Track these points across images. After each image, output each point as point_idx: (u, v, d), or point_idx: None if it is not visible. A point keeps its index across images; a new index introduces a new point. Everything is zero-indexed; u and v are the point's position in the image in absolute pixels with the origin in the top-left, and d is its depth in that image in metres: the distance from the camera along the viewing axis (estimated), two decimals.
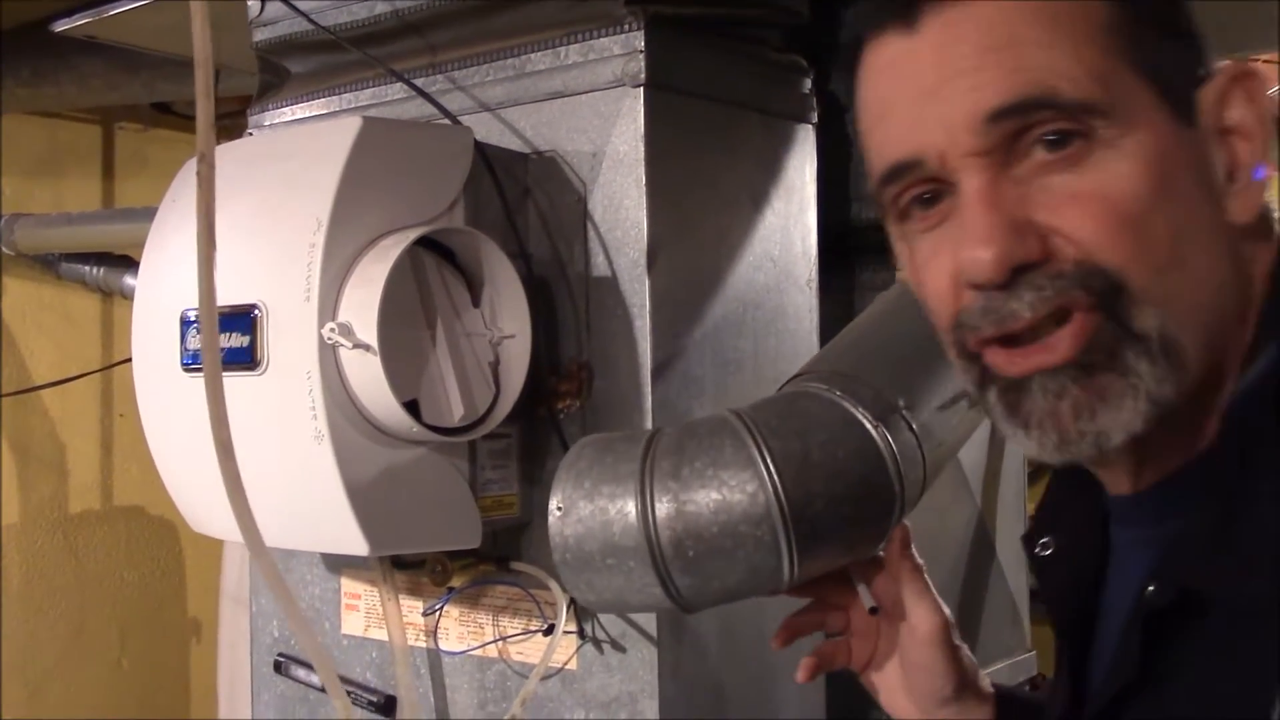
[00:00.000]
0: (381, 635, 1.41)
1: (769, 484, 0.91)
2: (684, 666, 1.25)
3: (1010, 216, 0.62)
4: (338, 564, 1.47)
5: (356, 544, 1.14)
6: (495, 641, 1.33)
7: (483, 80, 1.34)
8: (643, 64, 1.22)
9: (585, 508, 0.95)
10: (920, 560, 0.95)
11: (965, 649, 0.96)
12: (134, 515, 2.87)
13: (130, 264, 2.59)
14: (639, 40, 1.22)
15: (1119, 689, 0.63)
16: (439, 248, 1.19)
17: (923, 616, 0.93)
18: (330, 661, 1.25)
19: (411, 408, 1.12)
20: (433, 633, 1.38)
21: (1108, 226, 0.61)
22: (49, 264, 2.65)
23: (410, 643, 1.39)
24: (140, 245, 1.35)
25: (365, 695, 1.42)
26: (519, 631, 1.31)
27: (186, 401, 1.23)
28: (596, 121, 1.25)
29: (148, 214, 1.36)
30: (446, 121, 1.31)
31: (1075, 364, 0.62)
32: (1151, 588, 0.61)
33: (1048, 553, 0.77)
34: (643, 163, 1.22)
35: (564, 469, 0.98)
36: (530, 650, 1.31)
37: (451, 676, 1.38)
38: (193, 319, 1.22)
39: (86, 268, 2.62)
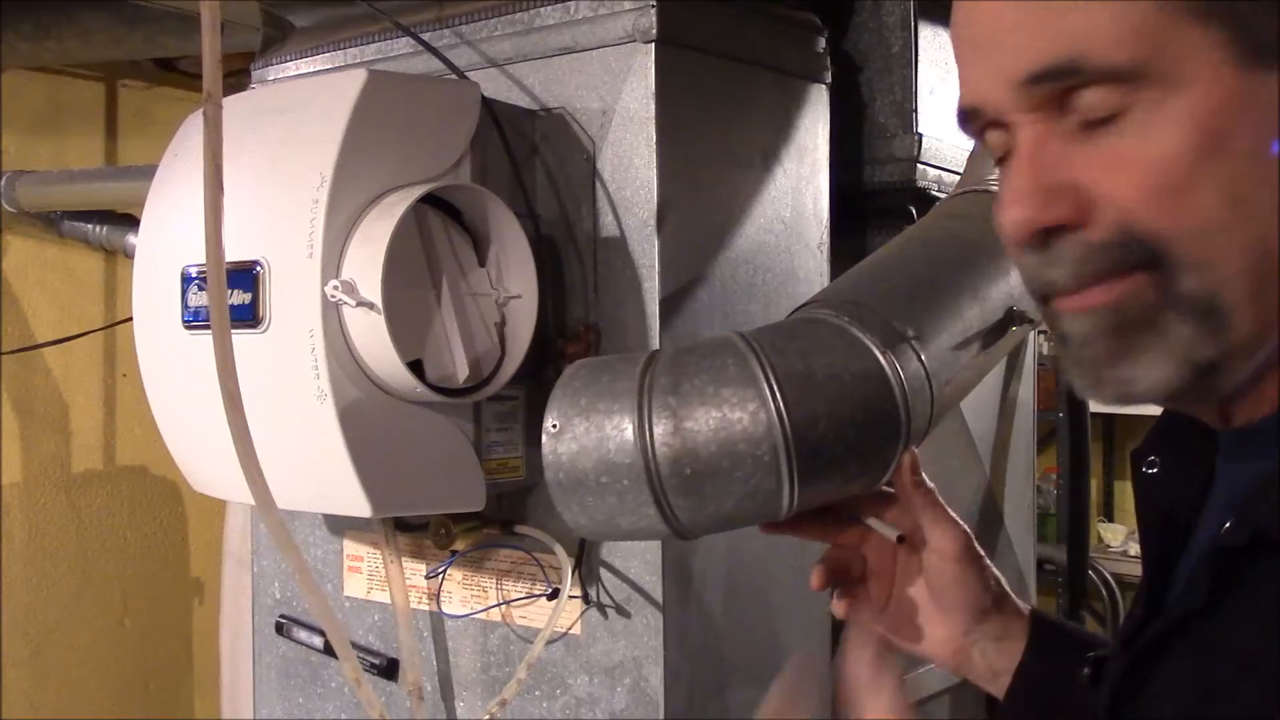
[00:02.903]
0: (384, 598, 1.41)
1: (771, 403, 0.88)
2: (688, 632, 1.24)
3: (1048, 178, 0.62)
4: (340, 526, 1.46)
5: (359, 505, 1.13)
6: (499, 605, 1.32)
7: (491, 35, 1.32)
8: (654, 19, 1.19)
9: (580, 425, 0.92)
10: (931, 484, 0.93)
11: (990, 564, 0.95)
12: (137, 475, 2.86)
13: (133, 222, 2.57)
14: None
15: (1182, 614, 0.64)
16: (445, 205, 1.17)
17: (947, 536, 0.92)
18: (338, 622, 1.24)
19: (415, 368, 1.11)
20: (436, 596, 1.37)
21: (1148, 191, 0.60)
22: (51, 222, 2.63)
23: (413, 606, 1.38)
24: (143, 203, 1.33)
25: (368, 658, 1.42)
26: (523, 595, 1.30)
27: (188, 360, 1.22)
28: (606, 78, 1.23)
29: (150, 172, 1.34)
30: (453, 76, 1.29)
31: (1111, 315, 0.63)
32: (1228, 524, 0.62)
33: (1153, 471, 0.75)
34: (653, 121, 1.20)
35: (560, 387, 0.95)
36: (534, 614, 1.30)
37: (454, 640, 1.38)
38: (194, 275, 1.20)
39: (89, 226, 2.60)
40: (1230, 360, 0.62)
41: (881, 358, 0.93)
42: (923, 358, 0.97)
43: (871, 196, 1.50)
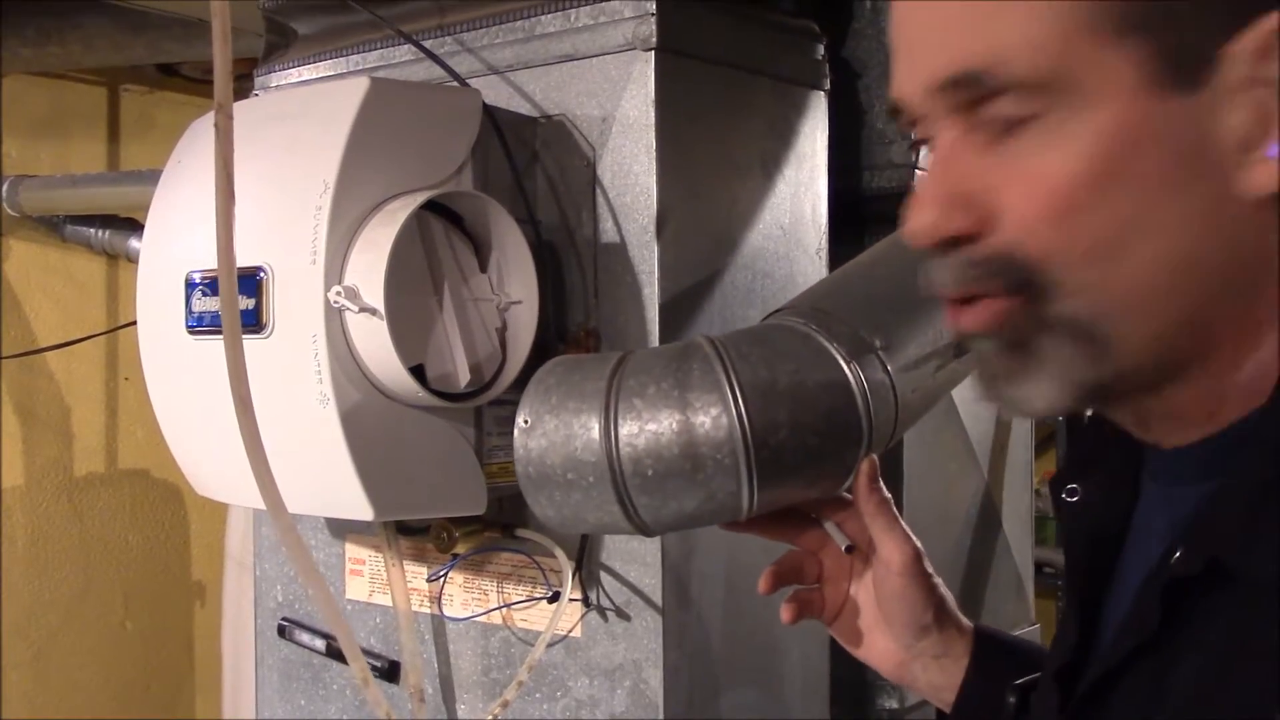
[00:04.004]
0: (386, 601, 1.41)
1: (733, 409, 0.89)
2: (688, 635, 1.25)
3: (956, 185, 0.61)
4: (342, 529, 1.46)
5: (361, 509, 1.14)
6: (500, 608, 1.33)
7: (492, 42, 1.33)
8: (654, 27, 1.20)
9: (550, 422, 0.94)
10: (887, 494, 0.94)
11: (939, 581, 0.95)
12: (139, 478, 2.87)
13: (135, 227, 2.58)
14: (650, 3, 1.21)
15: (1132, 648, 0.62)
16: (446, 212, 1.17)
17: (894, 548, 0.92)
18: (346, 625, 1.24)
19: (417, 373, 1.12)
20: (437, 599, 1.38)
21: (1038, 212, 0.59)
22: (54, 226, 2.65)
23: (414, 609, 1.39)
24: (145, 208, 1.34)
25: (369, 660, 1.43)
26: (523, 598, 1.31)
27: (192, 364, 1.22)
28: (606, 85, 1.24)
29: (153, 176, 1.35)
30: (455, 84, 1.29)
31: (996, 336, 0.63)
32: (1179, 553, 0.60)
33: (1074, 499, 0.75)
34: (653, 128, 1.21)
35: (533, 384, 0.97)
36: (534, 617, 1.31)
37: (455, 643, 1.38)
38: (198, 280, 1.21)
39: (91, 230, 2.61)
40: (1122, 382, 0.61)
41: (846, 367, 0.94)
42: (889, 368, 0.98)
43: (870, 202, 1.51)
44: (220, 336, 1.09)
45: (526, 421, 0.95)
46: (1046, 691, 0.72)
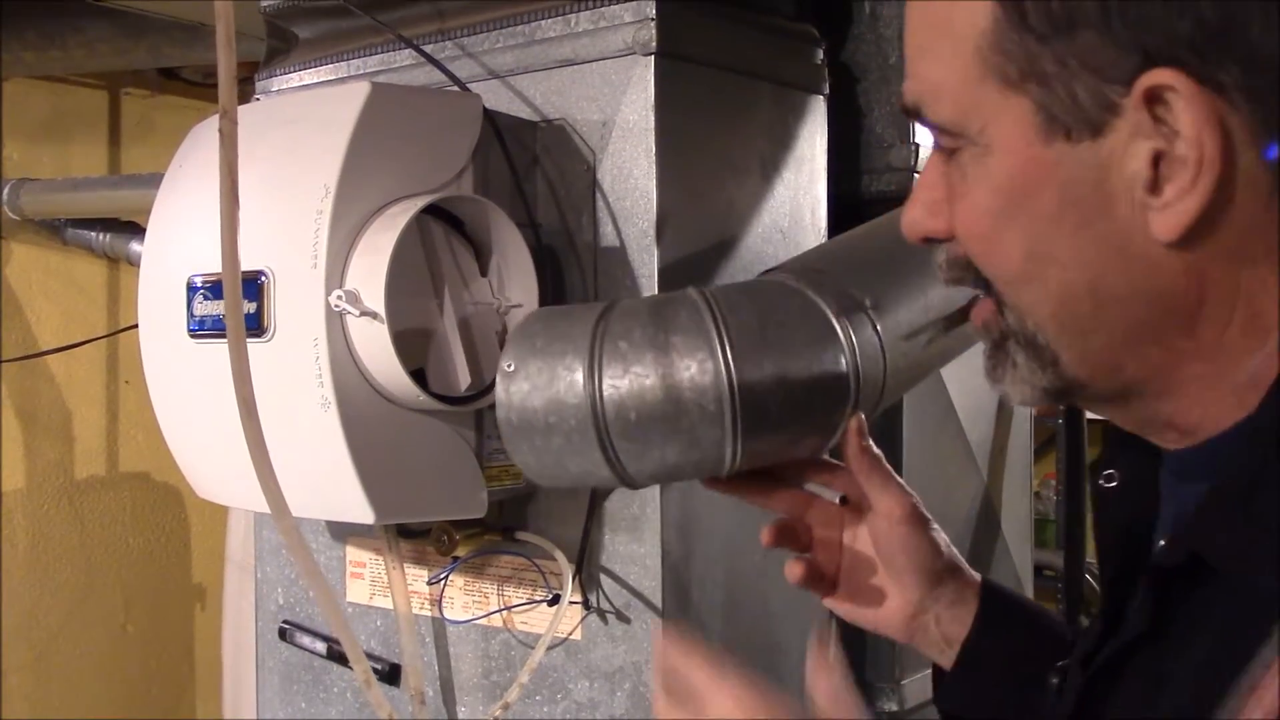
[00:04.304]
0: (386, 604, 1.42)
1: (720, 355, 0.88)
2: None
3: (931, 193, 0.67)
4: (343, 532, 1.47)
5: (362, 512, 1.14)
6: (500, 611, 1.33)
7: (492, 47, 1.33)
8: (653, 32, 1.21)
9: (534, 364, 0.93)
10: (878, 450, 0.93)
11: (940, 531, 0.94)
12: (139, 482, 2.87)
13: (136, 230, 2.58)
14: (650, 8, 1.21)
15: (1132, 636, 0.65)
16: (447, 216, 1.18)
17: (893, 501, 0.91)
18: (348, 626, 1.25)
19: (418, 376, 1.12)
20: (437, 602, 1.38)
21: (966, 233, 0.66)
22: (55, 229, 2.64)
23: (415, 611, 1.39)
24: (146, 211, 1.34)
25: (370, 663, 1.43)
26: (524, 601, 1.31)
27: (193, 368, 1.23)
28: (606, 90, 1.24)
29: (154, 180, 1.35)
30: (455, 88, 1.30)
31: (983, 336, 0.69)
32: (1161, 544, 0.65)
33: (1112, 485, 0.75)
34: (652, 132, 1.21)
35: (517, 331, 0.97)
36: (535, 620, 1.31)
37: (456, 645, 1.39)
38: (199, 284, 1.21)
39: (92, 234, 2.61)
40: (1079, 389, 0.66)
41: (835, 320, 0.94)
42: (878, 327, 0.98)
43: (869, 206, 1.51)
44: (222, 340, 1.10)
45: (510, 366, 0.94)
46: (1074, 674, 0.73)
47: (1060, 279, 0.62)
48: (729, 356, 0.89)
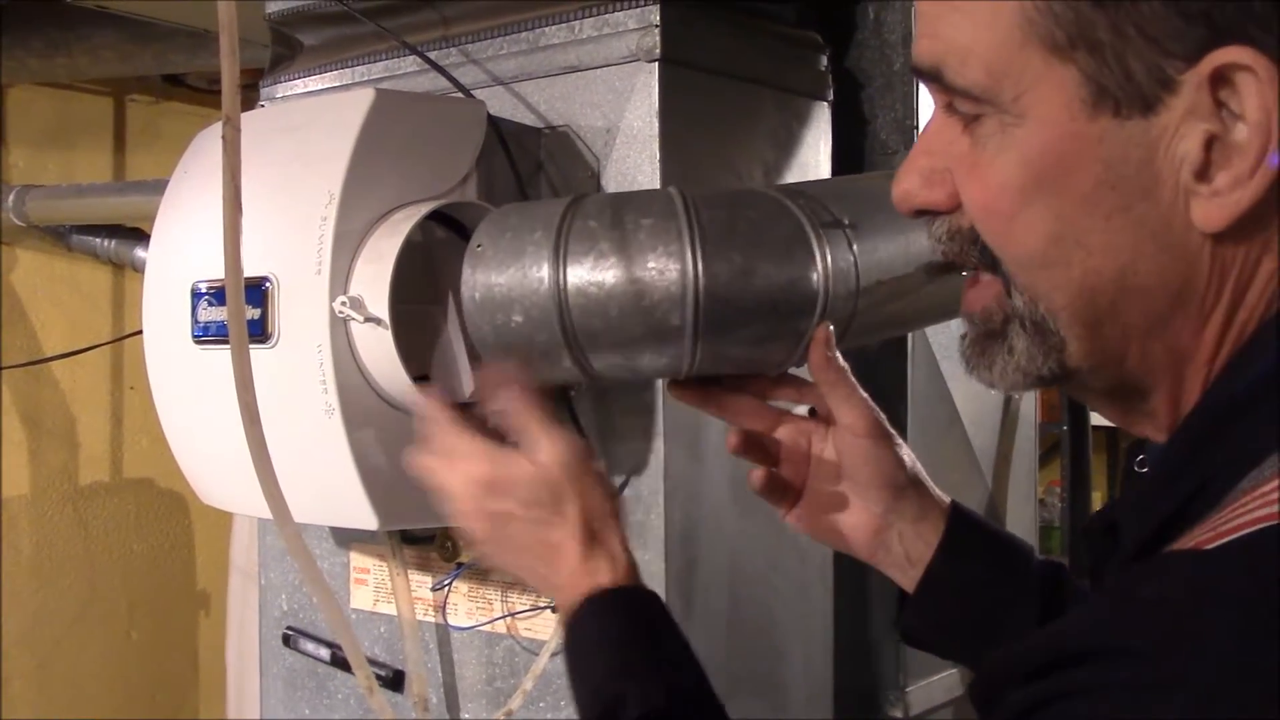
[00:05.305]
0: (390, 610, 1.42)
1: (687, 238, 0.87)
2: (691, 644, 1.25)
3: (932, 162, 0.63)
4: (347, 538, 1.47)
5: (366, 518, 1.14)
6: (504, 617, 1.33)
7: (496, 54, 1.33)
8: (657, 39, 1.21)
9: (502, 241, 0.92)
10: (843, 362, 0.92)
11: (904, 444, 0.94)
12: (144, 488, 2.87)
13: (141, 236, 2.58)
14: (654, 14, 1.21)
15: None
16: (451, 222, 1.18)
17: (856, 414, 0.91)
18: (352, 633, 1.25)
19: (422, 382, 1.12)
20: (441, 608, 1.38)
21: (982, 209, 0.61)
22: (60, 236, 2.65)
23: (419, 618, 1.39)
24: (151, 217, 1.34)
25: (373, 669, 1.43)
26: (528, 607, 1.31)
27: (198, 374, 1.23)
28: (610, 96, 1.25)
29: (158, 186, 1.35)
30: (459, 95, 1.30)
31: (978, 324, 0.65)
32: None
33: (1144, 470, 0.75)
34: (656, 138, 1.21)
35: (493, 214, 0.96)
36: (538, 626, 1.31)
37: (460, 652, 1.38)
38: (204, 291, 1.21)
39: (97, 240, 2.62)
40: (1074, 376, 0.63)
41: (809, 228, 0.91)
42: (854, 247, 0.95)
43: None
44: (226, 346, 1.10)
45: (479, 246, 0.93)
46: None
47: (1086, 266, 0.58)
48: (697, 243, 0.87)
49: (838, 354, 0.92)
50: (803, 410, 0.95)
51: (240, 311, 0.84)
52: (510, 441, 0.90)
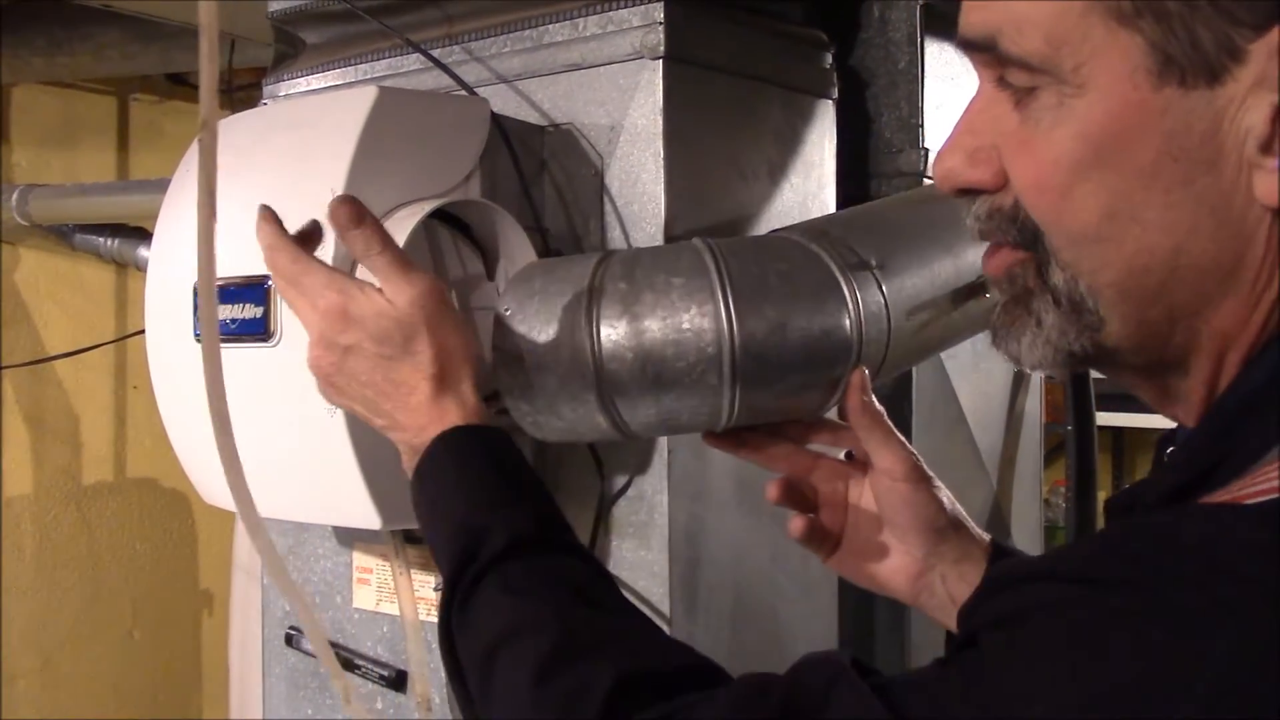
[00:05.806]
0: (393, 610, 1.41)
1: (720, 297, 0.86)
2: (695, 643, 1.24)
3: (977, 140, 0.62)
4: (349, 538, 1.46)
5: (368, 517, 1.13)
6: None
7: (500, 51, 1.33)
8: (662, 36, 1.20)
9: (532, 305, 0.91)
10: (880, 406, 0.91)
11: (943, 486, 0.93)
12: (147, 487, 2.88)
13: (144, 236, 2.58)
14: (658, 12, 1.21)
15: None
16: (454, 220, 1.18)
17: (894, 458, 0.90)
18: (323, 635, 1.25)
19: None
20: None
21: (1033, 184, 0.60)
22: (63, 235, 2.65)
23: (422, 617, 1.39)
24: (154, 217, 1.34)
25: (376, 669, 1.42)
26: None
27: (199, 373, 1.22)
28: (614, 94, 1.24)
29: (162, 185, 1.35)
30: (463, 93, 1.30)
31: (1004, 287, 0.64)
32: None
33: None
34: (660, 136, 1.21)
35: (516, 276, 0.95)
36: None
37: None
38: None
39: (101, 239, 2.62)
40: (1110, 355, 0.62)
41: (839, 274, 0.91)
42: (883, 288, 0.95)
43: None
44: (228, 345, 1.09)
45: (508, 310, 0.92)
46: None
47: (1141, 242, 0.57)
48: (730, 301, 0.87)
49: (873, 398, 0.91)
50: (839, 453, 0.95)
51: (213, 317, 0.82)
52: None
